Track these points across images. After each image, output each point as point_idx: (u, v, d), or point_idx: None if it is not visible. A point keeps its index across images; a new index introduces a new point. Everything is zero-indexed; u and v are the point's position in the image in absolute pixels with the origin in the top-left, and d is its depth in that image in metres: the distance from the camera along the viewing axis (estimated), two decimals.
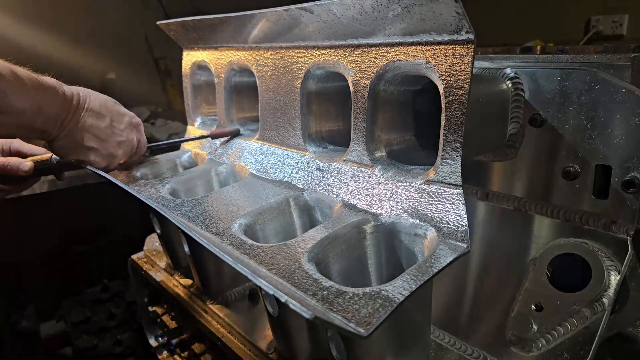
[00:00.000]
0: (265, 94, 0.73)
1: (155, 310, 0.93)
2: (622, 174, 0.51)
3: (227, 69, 0.82)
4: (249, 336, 0.68)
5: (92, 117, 0.68)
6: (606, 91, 0.51)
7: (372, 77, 0.56)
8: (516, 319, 0.55)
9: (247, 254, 0.50)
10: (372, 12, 0.49)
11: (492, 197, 0.62)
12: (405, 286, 0.41)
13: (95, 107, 0.69)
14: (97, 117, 0.69)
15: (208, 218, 0.60)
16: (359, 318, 0.37)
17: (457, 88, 0.46)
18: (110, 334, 1.65)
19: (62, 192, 1.14)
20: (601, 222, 0.53)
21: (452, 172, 0.49)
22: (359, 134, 0.59)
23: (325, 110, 0.70)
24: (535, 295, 0.55)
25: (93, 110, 0.69)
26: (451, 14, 0.43)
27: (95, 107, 0.69)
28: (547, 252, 0.57)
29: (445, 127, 0.48)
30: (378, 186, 0.57)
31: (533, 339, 0.53)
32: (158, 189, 0.72)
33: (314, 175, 0.66)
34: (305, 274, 0.45)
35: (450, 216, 0.49)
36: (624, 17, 1.76)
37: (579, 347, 0.51)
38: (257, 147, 0.77)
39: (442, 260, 0.45)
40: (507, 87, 0.58)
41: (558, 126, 0.55)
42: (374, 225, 0.56)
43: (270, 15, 0.62)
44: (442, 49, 0.47)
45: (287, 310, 0.55)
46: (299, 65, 0.66)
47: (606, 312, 0.51)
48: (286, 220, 0.65)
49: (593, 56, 0.53)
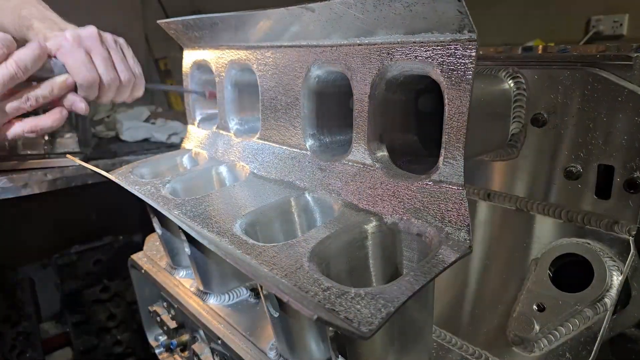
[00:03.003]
0: (266, 93, 0.73)
1: (155, 310, 0.93)
2: (624, 173, 0.51)
3: (228, 68, 0.82)
4: (249, 336, 0.67)
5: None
6: (608, 91, 0.51)
7: (374, 77, 0.56)
8: (518, 319, 0.55)
9: (249, 253, 0.50)
10: (373, 11, 0.49)
11: (493, 197, 0.62)
12: (408, 286, 0.41)
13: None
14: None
15: (209, 217, 0.60)
16: (361, 318, 0.37)
17: (460, 87, 0.46)
18: (110, 334, 1.65)
19: (62, 192, 1.14)
20: (603, 222, 0.53)
21: (454, 171, 0.49)
22: (361, 134, 0.59)
23: (326, 109, 0.70)
24: (537, 296, 0.55)
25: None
26: (454, 13, 0.43)
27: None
28: (549, 252, 0.57)
29: (447, 126, 0.48)
30: (380, 186, 0.57)
31: (535, 339, 0.53)
32: (158, 188, 0.72)
33: (316, 175, 0.66)
34: (306, 273, 0.45)
35: (453, 216, 0.49)
36: (624, 17, 1.76)
37: (581, 348, 0.51)
38: (258, 147, 0.77)
39: (444, 261, 0.44)
40: (509, 87, 0.58)
41: (560, 126, 0.55)
42: (376, 225, 0.56)
43: (271, 14, 0.62)
44: (444, 48, 0.47)
45: (288, 310, 0.55)
46: (300, 64, 0.66)
47: (608, 312, 0.51)
48: (287, 220, 0.65)
49: (595, 56, 0.53)
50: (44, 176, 1.10)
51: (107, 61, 0.74)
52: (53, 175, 1.12)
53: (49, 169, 1.11)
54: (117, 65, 0.76)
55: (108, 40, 0.76)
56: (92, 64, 0.73)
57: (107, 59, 0.74)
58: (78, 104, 0.73)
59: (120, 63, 0.76)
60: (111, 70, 0.74)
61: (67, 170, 1.14)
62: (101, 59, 0.73)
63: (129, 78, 0.78)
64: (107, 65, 0.74)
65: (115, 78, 0.75)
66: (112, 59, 0.76)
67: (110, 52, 0.75)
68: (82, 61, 0.71)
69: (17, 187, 1.06)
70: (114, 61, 0.76)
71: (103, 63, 0.73)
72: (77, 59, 0.71)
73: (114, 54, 0.76)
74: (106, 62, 0.74)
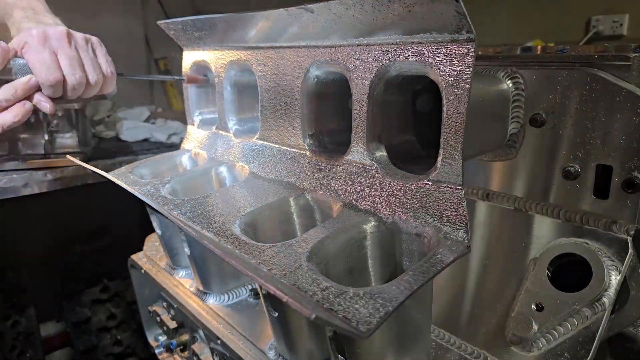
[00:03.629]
0: (265, 94, 0.73)
1: (155, 310, 0.93)
2: (622, 173, 0.51)
3: (228, 68, 0.82)
4: (249, 336, 0.68)
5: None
6: (606, 91, 0.51)
7: (373, 77, 0.56)
8: (517, 319, 0.55)
9: (248, 253, 0.50)
10: (372, 11, 0.49)
11: (492, 197, 0.62)
12: (406, 286, 0.41)
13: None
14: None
15: (208, 218, 0.60)
16: (360, 317, 0.37)
17: (458, 88, 0.46)
18: (110, 334, 1.65)
19: (62, 192, 1.14)
20: (602, 222, 0.53)
21: (452, 171, 0.49)
22: (359, 134, 0.59)
23: (325, 109, 0.70)
24: (536, 295, 0.55)
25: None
26: (452, 14, 0.43)
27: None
28: (547, 252, 0.57)
29: (445, 126, 0.48)
30: (379, 186, 0.57)
31: (533, 338, 0.53)
32: (158, 188, 0.72)
33: (315, 175, 0.66)
34: (305, 273, 0.45)
35: (451, 216, 0.49)
36: (624, 17, 1.76)
37: (579, 347, 0.51)
38: (258, 147, 0.77)
39: (442, 260, 0.45)
40: (508, 87, 0.58)
41: (558, 126, 0.55)
42: (375, 225, 0.56)
43: (270, 15, 0.62)
44: (443, 49, 0.47)
45: (287, 309, 0.55)
46: (299, 64, 0.66)
47: (606, 311, 0.51)
48: (286, 220, 0.65)
49: (594, 56, 0.53)
50: (44, 176, 1.10)
51: (73, 61, 0.73)
52: (53, 175, 1.12)
53: (49, 169, 1.11)
54: (86, 66, 0.75)
55: (78, 40, 0.75)
56: (57, 63, 0.72)
57: (74, 59, 0.73)
58: (43, 104, 0.72)
59: (90, 64, 0.76)
60: (78, 71, 0.74)
61: (67, 170, 1.14)
62: (67, 60, 0.72)
63: (97, 79, 0.77)
64: (73, 65, 0.73)
65: (81, 78, 0.74)
66: (81, 59, 0.75)
67: (80, 52, 0.74)
68: (45, 61, 0.70)
69: (17, 187, 1.06)
70: (83, 62, 0.75)
71: (69, 63, 0.72)
72: (40, 58, 0.70)
73: (83, 54, 0.75)
74: (72, 62, 0.73)
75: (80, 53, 0.75)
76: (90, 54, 0.76)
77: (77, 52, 0.74)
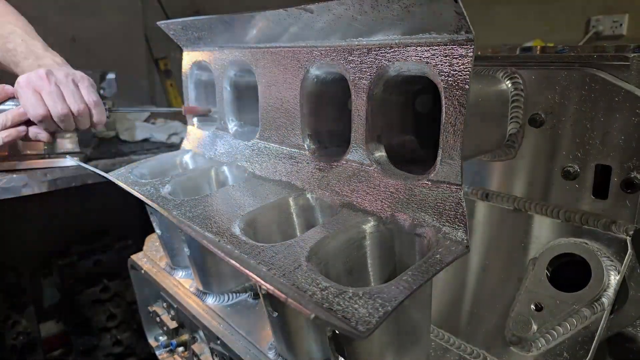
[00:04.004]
0: (265, 94, 0.74)
1: (155, 310, 0.93)
2: (621, 173, 0.51)
3: (227, 69, 0.82)
4: (249, 336, 0.68)
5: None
6: (605, 91, 0.51)
7: (372, 77, 0.56)
8: (516, 319, 0.55)
9: (247, 253, 0.50)
10: (371, 12, 0.49)
11: (491, 197, 0.62)
12: (405, 286, 0.41)
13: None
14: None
15: (208, 218, 0.60)
16: (359, 317, 0.37)
17: (457, 88, 0.46)
18: (110, 334, 1.65)
19: (62, 192, 1.14)
20: (601, 222, 0.53)
21: (452, 171, 0.49)
22: (359, 134, 0.59)
23: (325, 110, 0.70)
24: (535, 295, 0.55)
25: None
26: (451, 14, 0.43)
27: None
28: (546, 252, 0.57)
29: (444, 126, 0.48)
30: (378, 186, 0.57)
31: (533, 338, 0.53)
32: (158, 188, 0.72)
33: (314, 175, 0.66)
34: (305, 273, 0.45)
35: (450, 216, 0.49)
36: (624, 17, 1.76)
37: (578, 347, 0.51)
38: (257, 147, 0.77)
39: (442, 260, 0.45)
40: (507, 87, 0.58)
41: (557, 126, 0.55)
42: (374, 225, 0.56)
43: (270, 15, 0.63)
44: (442, 49, 0.47)
45: (287, 309, 0.55)
46: (299, 65, 0.66)
47: (606, 311, 0.51)
48: (286, 220, 0.65)
49: (593, 56, 0.53)
50: (44, 176, 1.10)
51: (53, 95, 0.84)
52: (53, 175, 1.12)
53: (49, 169, 1.11)
54: (66, 97, 0.85)
55: (57, 77, 0.85)
56: (42, 101, 0.83)
57: (54, 94, 0.84)
58: (41, 135, 0.90)
59: (70, 95, 0.86)
60: (59, 103, 0.84)
61: (67, 170, 1.13)
62: (48, 95, 0.83)
63: (80, 109, 0.87)
64: (54, 99, 0.84)
65: (64, 109, 0.85)
66: (62, 92, 0.85)
67: (60, 86, 0.85)
68: (30, 100, 0.83)
69: (17, 187, 1.06)
70: (64, 95, 0.85)
71: (50, 98, 0.84)
72: (27, 99, 0.84)
73: (63, 88, 0.85)
74: (53, 96, 0.84)
75: (61, 87, 0.85)
76: (71, 87, 0.87)
77: (58, 87, 0.84)
